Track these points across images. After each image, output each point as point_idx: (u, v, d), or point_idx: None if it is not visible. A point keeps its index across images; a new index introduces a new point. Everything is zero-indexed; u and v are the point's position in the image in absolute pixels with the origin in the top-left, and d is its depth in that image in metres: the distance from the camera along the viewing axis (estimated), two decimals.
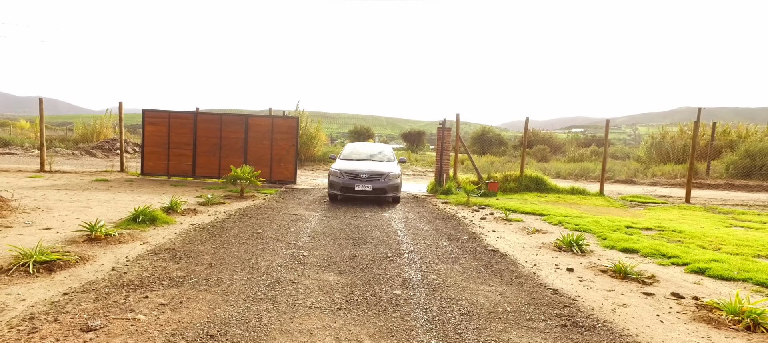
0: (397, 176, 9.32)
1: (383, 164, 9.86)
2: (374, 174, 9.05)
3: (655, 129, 30.49)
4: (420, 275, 4.43)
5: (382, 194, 9.01)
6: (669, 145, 27.09)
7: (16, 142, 23.82)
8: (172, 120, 13.32)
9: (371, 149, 11.24)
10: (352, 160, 10.12)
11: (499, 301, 3.75)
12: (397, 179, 9.24)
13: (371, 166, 9.52)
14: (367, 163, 9.77)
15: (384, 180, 9.04)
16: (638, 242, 5.95)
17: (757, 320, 3.16)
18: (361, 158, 10.44)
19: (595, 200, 11.66)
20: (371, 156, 10.64)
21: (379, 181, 8.99)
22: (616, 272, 4.53)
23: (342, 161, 10.02)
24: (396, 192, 9.24)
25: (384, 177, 9.08)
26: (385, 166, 9.57)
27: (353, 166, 9.36)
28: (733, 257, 5.25)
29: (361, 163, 9.73)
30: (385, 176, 9.09)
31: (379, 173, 9.09)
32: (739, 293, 3.63)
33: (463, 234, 6.60)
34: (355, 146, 11.46)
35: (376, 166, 9.47)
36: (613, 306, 3.69)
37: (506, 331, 3.13)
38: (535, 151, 37.25)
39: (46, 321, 2.97)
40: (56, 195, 8.59)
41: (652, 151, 28.07)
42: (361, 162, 9.96)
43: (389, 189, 9.05)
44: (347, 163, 9.79)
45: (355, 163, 9.69)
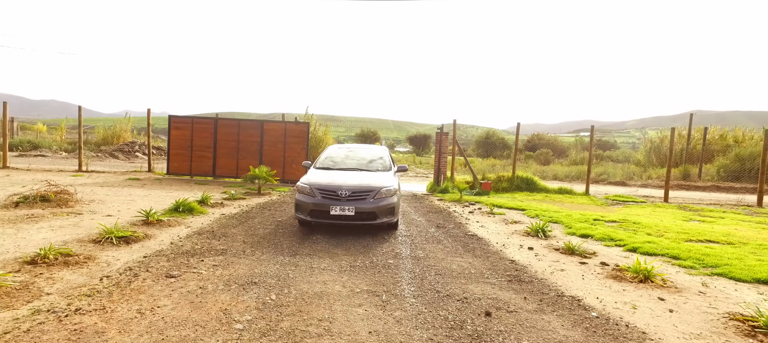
0: (393, 192, 6.41)
1: (374, 176, 6.90)
2: (359, 191, 6.24)
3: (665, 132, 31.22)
4: (409, 251, 5.63)
5: (371, 218, 6.19)
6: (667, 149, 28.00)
7: (44, 145, 25.47)
8: (195, 125, 14.69)
9: (361, 154, 8.08)
10: (331, 170, 7.23)
11: (467, 267, 4.94)
12: (392, 197, 6.37)
13: (357, 178, 6.65)
14: (352, 175, 6.87)
15: (373, 199, 6.22)
16: (596, 230, 7.09)
17: (647, 274, 4.32)
18: (345, 167, 7.45)
19: (580, 198, 12.76)
20: (360, 164, 7.61)
21: (365, 200, 6.19)
22: (566, 250, 5.69)
23: (317, 172, 7.11)
24: (391, 216, 6.39)
25: (373, 195, 6.24)
26: (376, 179, 6.68)
27: (330, 179, 6.54)
28: (666, 240, 6.38)
29: (343, 175, 6.84)
30: (374, 192, 6.25)
31: (366, 189, 6.28)
32: (641, 258, 4.78)
33: (450, 224, 7.79)
34: (338, 150, 8.26)
35: (364, 179, 6.62)
36: (553, 271, 4.86)
37: (467, 284, 4.32)
38: (538, 155, 38.24)
39: (140, 271, 4.23)
40: (102, 191, 9.93)
41: (651, 155, 28.97)
42: (344, 173, 7.00)
43: (381, 212, 6.23)
44: (323, 174, 6.91)
45: (334, 175, 6.82)
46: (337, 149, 8.36)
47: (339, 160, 7.73)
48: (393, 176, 7.13)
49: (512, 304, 3.76)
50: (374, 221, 6.22)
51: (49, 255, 4.30)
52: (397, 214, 6.60)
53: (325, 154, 8.02)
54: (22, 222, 6.04)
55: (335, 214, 6.09)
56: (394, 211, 6.41)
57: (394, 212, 6.44)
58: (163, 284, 3.89)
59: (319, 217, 6.20)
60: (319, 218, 6.19)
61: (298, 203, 6.37)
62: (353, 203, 6.14)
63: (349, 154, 8.03)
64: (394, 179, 6.94)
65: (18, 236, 5.30)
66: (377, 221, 6.24)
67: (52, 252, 4.36)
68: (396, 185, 6.67)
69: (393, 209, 6.38)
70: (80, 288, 3.66)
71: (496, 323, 3.33)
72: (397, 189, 6.68)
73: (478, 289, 4.16)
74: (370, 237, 6.33)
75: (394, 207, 6.39)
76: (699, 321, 3.45)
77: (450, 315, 3.45)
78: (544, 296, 4.01)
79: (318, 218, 6.20)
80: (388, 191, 6.36)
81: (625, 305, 3.79)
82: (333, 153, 8.09)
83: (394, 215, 6.47)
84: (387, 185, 6.43)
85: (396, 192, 6.54)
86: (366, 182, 6.50)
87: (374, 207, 6.17)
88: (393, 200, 6.39)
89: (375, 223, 6.24)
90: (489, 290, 4.12)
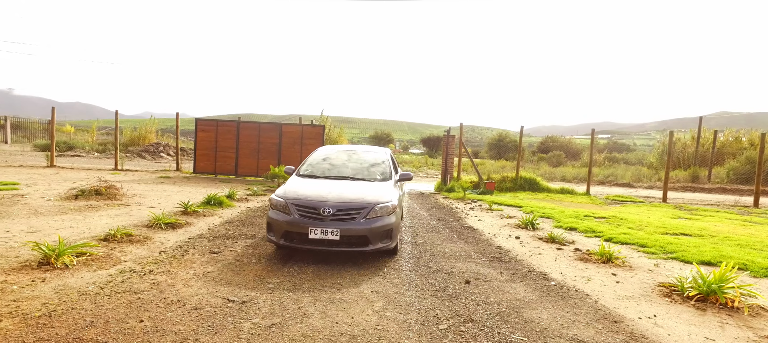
0: (391, 210, 5.02)
1: (369, 188, 5.40)
2: (348, 207, 4.85)
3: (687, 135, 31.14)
4: (410, 238, 6.53)
5: (361, 244, 4.79)
6: (680, 151, 28.13)
7: (78, 146, 27.22)
8: (219, 127, 15.89)
9: (356, 158, 6.50)
10: (316, 179, 5.80)
11: (458, 251, 5.81)
12: (389, 216, 4.98)
13: (346, 191, 5.21)
14: (341, 186, 5.42)
15: (365, 219, 4.83)
16: (582, 224, 7.85)
17: (609, 256, 5.13)
18: (335, 175, 5.96)
19: (580, 198, 13.43)
20: (354, 171, 6.08)
21: (355, 220, 4.80)
22: (548, 239, 6.50)
23: (299, 181, 5.70)
24: (388, 240, 4.96)
25: (365, 213, 4.85)
26: (371, 192, 5.24)
27: (312, 192, 5.14)
28: (642, 233, 7.11)
29: (330, 186, 5.42)
30: (367, 210, 4.86)
31: (356, 206, 4.88)
32: (611, 246, 5.57)
33: (450, 217, 8.65)
34: (328, 154, 6.66)
35: (356, 192, 5.19)
36: (531, 254, 5.69)
37: (455, 263, 5.19)
38: (550, 157, 38.61)
39: (189, 248, 5.24)
40: (140, 187, 11.11)
41: (663, 157, 29.17)
42: (332, 183, 5.57)
43: (375, 236, 4.82)
44: (305, 184, 5.48)
45: (318, 186, 5.41)
46: (326, 152, 6.66)
47: (327, 166, 6.17)
48: (393, 187, 5.62)
49: (489, 276, 4.62)
50: (365, 248, 4.75)
51: (117, 235, 5.35)
52: (396, 237, 5.12)
53: (312, 157, 6.45)
54: (85, 211, 7.17)
55: (315, 238, 4.65)
56: (391, 234, 4.96)
57: (392, 234, 4.97)
58: (208, 257, 4.89)
59: (294, 240, 4.76)
60: (295, 243, 4.76)
61: (269, 221, 4.93)
62: (339, 224, 4.70)
63: (341, 159, 6.41)
64: (394, 191, 5.42)
65: (85, 221, 6.40)
66: (369, 248, 4.77)
67: (119, 233, 5.41)
68: (396, 200, 5.13)
69: (390, 232, 4.92)
70: (146, 258, 4.68)
71: (473, 288, 4.21)
72: (397, 205, 5.12)
73: (463, 266, 5.03)
74: None
75: (392, 229, 4.92)
76: (635, 288, 4.26)
77: (437, 283, 4.34)
78: (517, 271, 4.86)
79: (293, 242, 4.77)
80: (384, 209, 4.90)
81: (582, 278, 4.62)
82: (321, 157, 6.48)
83: (392, 239, 4.98)
84: (384, 201, 4.97)
85: (395, 209, 5.03)
86: (357, 195, 5.06)
87: (366, 229, 4.73)
88: (391, 219, 4.92)
89: (367, 250, 4.76)
90: (473, 267, 4.99)
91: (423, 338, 3.03)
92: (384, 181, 5.87)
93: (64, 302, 3.27)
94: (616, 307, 3.74)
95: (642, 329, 3.26)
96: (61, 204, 7.61)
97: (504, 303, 3.78)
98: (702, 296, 3.80)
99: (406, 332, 3.10)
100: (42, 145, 26.16)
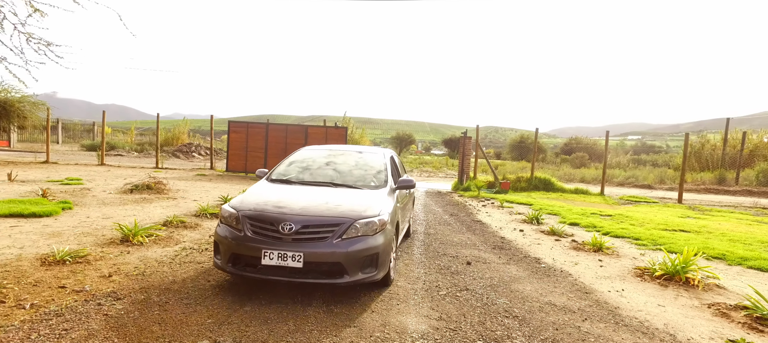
0: (378, 227, 3.77)
1: (351, 197, 4.15)
2: (316, 222, 3.65)
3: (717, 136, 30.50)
4: (423, 229, 7.30)
5: (332, 275, 3.54)
6: (708, 153, 27.67)
7: (119, 146, 29.24)
8: (249, 129, 17.07)
9: (344, 160, 5.19)
10: (291, 184, 4.60)
11: (465, 240, 6.55)
12: (376, 235, 3.72)
13: (319, 199, 4.04)
14: (315, 193, 4.25)
15: (341, 239, 3.60)
16: (585, 220, 8.42)
17: (600, 246, 5.76)
18: (313, 180, 4.71)
19: (593, 198, 13.83)
20: (339, 176, 4.79)
21: (325, 241, 3.57)
22: (549, 232, 7.15)
23: (267, 186, 4.52)
24: (372, 269, 3.69)
25: (341, 231, 3.62)
26: (354, 201, 4.03)
27: (273, 200, 3.97)
28: (641, 229, 7.64)
29: (301, 193, 4.26)
30: (343, 227, 3.64)
31: (328, 221, 3.67)
32: (607, 239, 6.18)
33: (462, 213, 9.37)
34: (313, 153, 5.45)
35: (331, 201, 3.99)
36: (531, 244, 6.37)
37: (461, 249, 5.94)
38: (572, 158, 38.46)
39: None
40: (181, 183, 12.30)
41: (691, 159, 28.71)
42: (306, 189, 4.39)
43: (352, 262, 3.55)
44: (272, 190, 4.33)
45: (286, 192, 4.25)
46: (310, 152, 5.42)
47: (308, 169, 4.94)
48: (387, 196, 4.34)
49: (488, 260, 5.36)
50: (339, 280, 3.48)
51: (174, 221, 6.36)
52: (386, 263, 3.81)
53: (291, 158, 5.28)
54: (141, 203, 8.28)
55: (269, 264, 3.44)
56: (376, 260, 3.65)
57: (377, 261, 3.66)
58: None
59: (243, 268, 3.58)
60: (243, 270, 3.57)
61: (216, 239, 3.77)
62: (303, 246, 3.48)
63: (327, 161, 5.14)
64: (386, 202, 4.17)
65: (144, 211, 7.49)
66: (344, 280, 3.49)
67: (175, 220, 6.42)
68: (387, 214, 3.93)
69: (375, 258, 3.65)
70: (200, 240, 5.64)
71: (472, 268, 4.96)
72: (388, 221, 3.87)
73: (467, 252, 5.78)
74: None
75: (377, 254, 3.65)
76: (615, 271, 4.91)
77: (442, 263, 5.11)
78: (513, 256, 5.57)
79: (244, 270, 3.57)
80: (368, 225, 3.67)
81: (571, 262, 5.29)
82: (302, 158, 5.26)
83: (378, 267, 3.67)
84: (369, 215, 3.75)
85: (384, 226, 3.80)
86: (333, 207, 3.83)
87: (340, 254, 3.49)
88: (376, 241, 3.66)
89: (340, 282, 3.48)
90: (475, 253, 5.73)
91: (426, 299, 3.82)
92: (376, 188, 4.49)
93: (149, 267, 4.24)
94: (592, 283, 4.42)
95: (607, 298, 3.95)
96: (121, 197, 8.77)
97: (496, 279, 4.52)
98: (668, 276, 4.43)
99: (412, 296, 3.89)
100: (88, 145, 28.25)
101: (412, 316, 3.41)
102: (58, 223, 5.88)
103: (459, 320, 3.38)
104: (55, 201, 7.21)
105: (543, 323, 3.34)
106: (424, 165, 31.48)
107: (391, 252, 4.01)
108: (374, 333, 3.04)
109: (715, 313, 3.66)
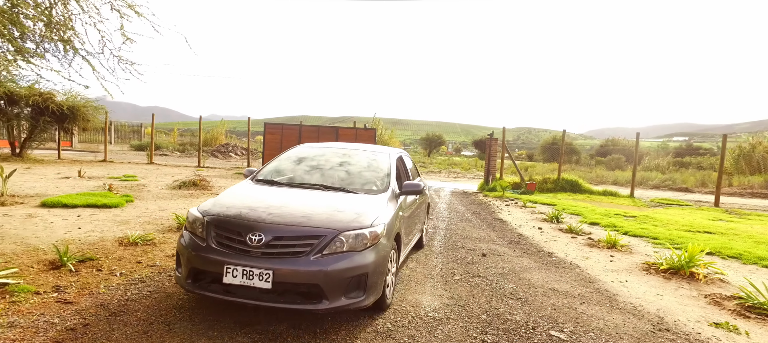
0: (370, 241, 3.13)
1: (344, 202, 3.55)
2: (291, 233, 3.03)
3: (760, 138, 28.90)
4: (445, 225, 7.76)
5: (307, 299, 2.92)
6: (760, 156, 26.27)
7: (163, 146, 31.28)
8: (284, 130, 18.02)
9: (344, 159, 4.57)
10: (277, 186, 4.00)
11: (484, 236, 6.96)
12: (365, 251, 3.08)
13: (300, 204, 3.43)
14: (299, 197, 3.65)
15: (321, 254, 2.97)
16: (606, 220, 8.58)
17: (614, 243, 6.03)
18: (303, 182, 4.09)
19: (621, 200, 13.74)
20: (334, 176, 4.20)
21: (301, 257, 2.94)
22: (567, 230, 7.42)
23: (248, 187, 3.93)
24: (359, 292, 3.03)
25: (320, 245, 3.00)
26: (343, 207, 3.42)
27: (246, 204, 3.39)
28: (662, 229, 7.75)
29: (283, 196, 3.65)
30: (325, 239, 3.02)
31: (306, 232, 3.05)
32: (613, 233, 6.43)
33: (484, 212, 9.73)
34: (308, 151, 4.81)
35: (316, 207, 3.38)
36: (547, 240, 6.70)
37: (479, 243, 6.36)
38: (608, 161, 37.45)
39: None
40: (222, 181, 13.29)
41: (740, 162, 27.30)
42: (290, 192, 3.78)
43: (332, 284, 2.91)
44: (251, 192, 3.76)
45: (264, 195, 3.65)
46: (305, 150, 4.82)
47: (299, 169, 4.36)
48: (387, 203, 3.71)
49: (503, 253, 5.76)
50: (316, 306, 2.89)
51: None
52: (378, 286, 3.18)
53: (282, 156, 4.72)
54: (189, 197, 9.20)
55: (233, 283, 2.90)
56: (365, 282, 3.05)
57: (365, 283, 3.05)
58: None
59: (207, 285, 3.03)
60: (206, 289, 3.01)
61: (178, 249, 3.27)
62: (273, 262, 2.91)
63: (322, 160, 4.52)
64: (384, 210, 3.55)
65: (193, 204, 8.36)
66: (323, 307, 2.89)
67: None
68: (383, 224, 3.31)
69: (363, 279, 3.05)
70: None
71: (487, 259, 5.38)
72: (381, 233, 3.24)
73: (484, 246, 6.20)
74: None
75: (366, 274, 3.05)
76: (623, 265, 5.20)
77: (459, 255, 5.57)
78: (527, 250, 5.95)
79: (203, 288, 3.02)
80: (358, 239, 3.09)
81: (582, 257, 5.61)
82: (295, 156, 4.67)
83: (366, 290, 3.05)
84: (359, 225, 3.16)
85: (378, 239, 3.19)
86: (315, 214, 3.23)
87: (318, 274, 2.89)
88: (365, 258, 3.06)
89: (318, 309, 2.89)
90: (492, 247, 6.14)
91: (440, 283, 4.31)
92: (375, 193, 3.85)
93: None
94: (597, 275, 4.75)
95: (608, 287, 4.29)
96: (171, 191, 9.74)
97: (508, 268, 4.94)
98: (673, 271, 4.70)
99: (428, 280, 4.39)
100: (136, 145, 30.40)
101: (427, 295, 3.91)
102: (124, 213, 6.77)
103: (468, 299, 3.85)
104: (119, 195, 8.20)
105: (543, 304, 3.76)
106: (452, 166, 31.70)
107: (386, 272, 3.28)
108: (393, 307, 3.57)
109: (709, 302, 3.94)
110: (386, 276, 3.35)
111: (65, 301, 3.23)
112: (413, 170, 5.58)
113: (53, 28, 3.84)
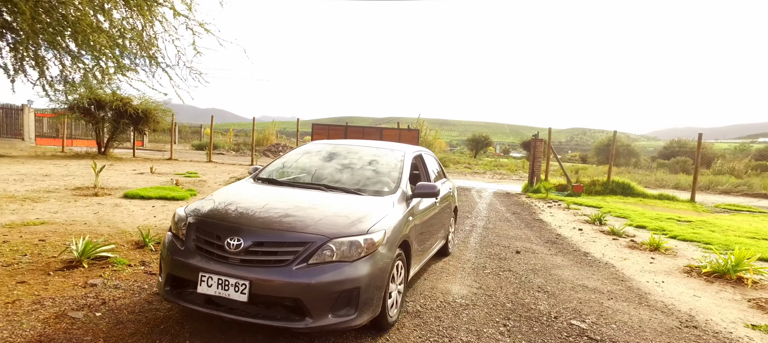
0: (365, 251, 2.73)
1: (343, 204, 3.18)
2: (273, 238, 2.69)
3: None
4: (483, 224, 7.89)
5: (287, 316, 2.59)
6: None
7: (220, 146, 33.55)
8: (330, 130, 18.81)
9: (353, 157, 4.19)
10: (277, 185, 3.70)
11: (521, 235, 7.03)
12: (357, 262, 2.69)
13: (289, 205, 3.10)
14: (294, 197, 3.30)
15: (306, 264, 2.60)
16: (655, 224, 8.26)
17: (657, 246, 5.89)
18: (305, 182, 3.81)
19: (679, 204, 12.97)
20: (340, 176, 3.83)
21: (282, 267, 2.59)
22: (609, 232, 7.29)
23: (246, 187, 3.64)
24: (349, 310, 2.65)
25: (305, 253, 2.62)
26: (340, 210, 3.05)
27: (233, 203, 3.12)
28: (716, 235, 7.36)
29: (279, 195, 3.35)
30: (312, 246, 2.64)
31: (291, 238, 2.68)
32: (655, 236, 6.25)
33: (525, 213, 9.69)
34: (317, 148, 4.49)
35: (306, 208, 3.03)
36: (585, 241, 6.64)
37: (515, 241, 6.46)
38: (671, 163, 35.01)
39: None
40: None
41: None
42: (287, 192, 3.45)
43: (316, 299, 2.54)
44: (247, 191, 3.48)
45: (261, 194, 3.36)
46: (315, 148, 4.50)
47: (302, 169, 4.13)
48: (394, 206, 3.32)
49: (538, 251, 5.84)
50: (297, 325, 2.55)
51: None
52: (375, 303, 2.79)
53: (290, 154, 4.45)
54: None
55: (208, 293, 2.62)
56: (355, 298, 2.68)
57: (356, 299, 2.68)
58: None
59: (182, 295, 2.77)
60: (181, 298, 2.75)
61: (161, 252, 3.04)
62: (250, 271, 2.60)
63: (329, 159, 4.21)
64: (389, 214, 3.16)
65: None
66: (303, 326, 2.55)
67: None
68: (382, 231, 2.91)
69: (353, 294, 2.68)
70: None
71: (520, 256, 5.50)
72: (379, 242, 2.84)
73: (520, 244, 6.29)
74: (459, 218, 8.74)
75: (355, 289, 2.67)
76: (663, 267, 5.10)
77: (493, 251, 5.73)
78: (563, 249, 5.97)
79: (182, 298, 2.75)
80: (351, 247, 2.71)
81: (620, 258, 5.56)
82: (302, 153, 4.44)
83: (357, 308, 2.68)
84: (354, 232, 2.78)
85: (374, 249, 2.80)
86: (304, 217, 2.90)
87: (299, 286, 2.55)
88: (357, 270, 2.68)
89: (298, 327, 2.55)
90: (527, 245, 6.23)
91: (471, 274, 4.53)
92: (383, 195, 3.45)
93: None
94: (632, 275, 4.73)
95: (640, 286, 4.29)
96: None
97: (539, 265, 5.05)
98: (717, 274, 4.57)
99: (460, 271, 4.63)
100: (197, 145, 32.83)
101: (458, 284, 4.16)
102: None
103: (495, 290, 4.05)
104: (185, 189, 9.14)
105: (569, 298, 3.88)
106: (499, 168, 31.16)
107: (386, 286, 2.87)
108: (424, 293, 3.86)
109: (753, 306, 3.84)
110: (386, 291, 2.87)
111: (150, 273, 3.86)
112: (438, 171, 5.16)
113: (144, 47, 4.59)
